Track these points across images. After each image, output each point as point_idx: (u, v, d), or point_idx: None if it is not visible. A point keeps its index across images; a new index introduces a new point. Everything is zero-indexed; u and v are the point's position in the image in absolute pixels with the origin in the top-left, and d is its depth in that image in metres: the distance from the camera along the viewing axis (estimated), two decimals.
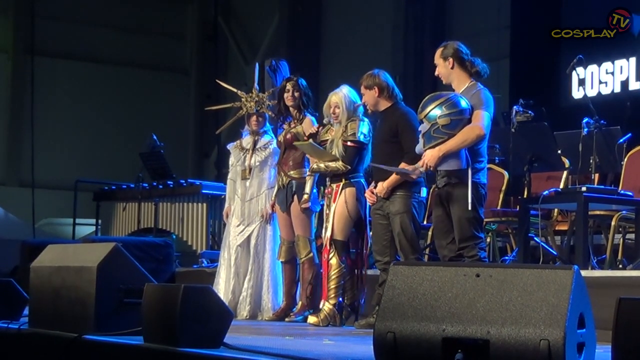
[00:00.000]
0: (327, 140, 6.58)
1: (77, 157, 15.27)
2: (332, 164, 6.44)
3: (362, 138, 6.44)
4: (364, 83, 6.23)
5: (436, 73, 5.65)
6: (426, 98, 5.44)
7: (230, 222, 7.32)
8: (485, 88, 5.54)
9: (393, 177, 5.96)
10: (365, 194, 6.27)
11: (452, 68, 5.57)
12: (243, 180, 7.28)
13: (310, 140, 6.65)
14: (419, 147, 5.45)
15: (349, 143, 6.43)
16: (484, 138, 5.37)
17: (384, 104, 6.20)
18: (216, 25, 16.40)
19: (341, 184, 6.47)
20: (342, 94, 6.54)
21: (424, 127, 5.37)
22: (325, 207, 6.62)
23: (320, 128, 6.78)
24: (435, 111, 5.31)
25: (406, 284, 3.38)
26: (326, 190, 6.61)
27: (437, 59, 5.64)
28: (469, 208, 5.30)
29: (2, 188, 14.94)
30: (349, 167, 6.43)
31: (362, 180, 6.52)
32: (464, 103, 5.35)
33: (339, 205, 6.43)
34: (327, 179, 6.60)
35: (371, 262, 6.65)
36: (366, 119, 6.53)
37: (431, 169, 5.42)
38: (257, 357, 3.71)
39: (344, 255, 6.44)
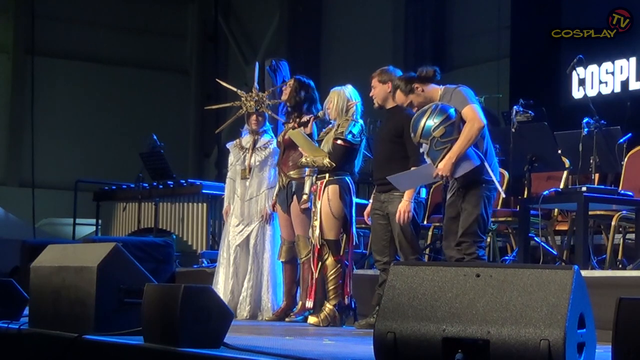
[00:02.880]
0: (322, 139, 6.59)
1: (77, 157, 15.27)
2: (319, 159, 6.45)
3: (350, 137, 6.43)
4: (378, 77, 6.18)
5: (415, 109, 5.61)
6: (413, 119, 5.45)
7: (229, 221, 7.32)
8: (460, 85, 5.56)
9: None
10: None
11: (422, 91, 5.59)
12: (242, 179, 7.27)
13: (301, 128, 6.65)
14: (430, 164, 5.45)
15: (338, 141, 6.43)
16: (485, 126, 5.39)
17: (392, 103, 6.18)
18: (216, 25, 16.40)
19: (325, 180, 6.47)
20: (339, 91, 6.55)
21: (425, 148, 5.38)
22: (313, 205, 6.61)
23: (311, 118, 6.80)
24: (427, 125, 5.31)
25: (406, 284, 3.38)
26: (312, 188, 6.61)
27: (405, 99, 5.66)
28: (482, 204, 5.36)
29: (2, 188, 14.95)
30: (334, 165, 6.43)
31: (348, 179, 6.50)
32: (450, 109, 5.38)
33: (323, 204, 6.43)
34: (315, 177, 6.60)
35: (371, 262, 6.65)
36: (360, 120, 6.53)
37: (449, 178, 5.43)
38: (257, 357, 3.71)
39: (338, 254, 6.44)
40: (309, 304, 6.53)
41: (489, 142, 5.53)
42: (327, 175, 6.47)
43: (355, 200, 6.63)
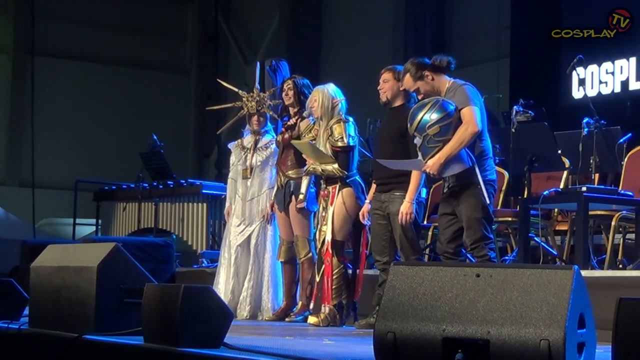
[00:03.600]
0: (312, 139, 6.59)
1: (77, 157, 15.27)
2: (328, 167, 6.43)
3: (351, 142, 6.44)
4: (394, 74, 6.07)
5: (421, 96, 5.60)
6: (412, 110, 5.44)
7: (230, 221, 7.32)
8: (467, 83, 5.52)
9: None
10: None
11: (432, 80, 5.56)
12: (244, 179, 7.27)
13: (308, 140, 6.63)
14: (420, 160, 5.44)
15: (339, 148, 6.41)
16: (480, 133, 5.34)
17: (399, 101, 6.15)
18: (216, 25, 16.41)
19: (337, 185, 6.45)
20: (322, 89, 6.54)
21: (418, 141, 5.37)
22: (321, 209, 6.58)
23: (299, 119, 6.79)
24: (424, 119, 5.30)
25: (406, 284, 3.38)
26: (322, 193, 6.58)
27: (413, 84, 5.60)
28: (481, 205, 5.31)
29: (2, 188, 14.95)
30: (345, 173, 6.43)
31: (358, 178, 6.51)
32: (450, 106, 5.35)
33: (337, 207, 6.41)
34: (322, 182, 6.58)
35: (371, 262, 6.65)
36: (350, 118, 6.52)
37: (436, 176, 5.43)
38: (257, 357, 3.71)
39: (342, 255, 6.44)
40: (324, 308, 6.47)
41: (486, 143, 5.49)
42: (338, 180, 6.45)
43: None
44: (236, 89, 7.45)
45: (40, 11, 14.54)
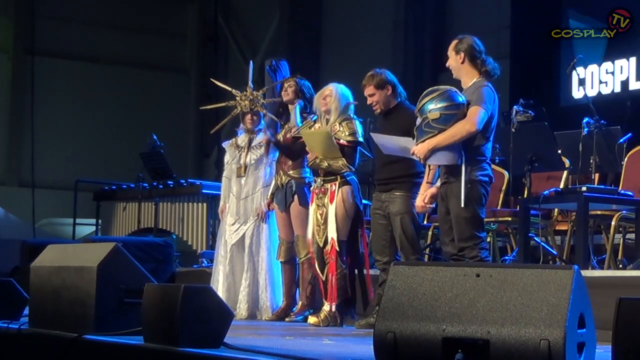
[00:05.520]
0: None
1: (77, 157, 15.26)
2: (336, 163, 6.41)
3: (360, 137, 6.45)
4: (374, 83, 6.11)
5: (447, 64, 5.60)
6: (424, 92, 5.41)
7: (225, 220, 7.31)
8: (488, 85, 5.49)
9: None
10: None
11: (462, 63, 5.51)
12: (238, 178, 7.27)
13: (329, 130, 6.53)
14: (413, 141, 5.43)
15: (347, 142, 6.41)
16: (476, 134, 5.28)
17: (393, 103, 6.16)
18: (216, 25, 16.41)
19: (337, 182, 6.45)
20: (336, 86, 6.54)
21: (417, 121, 5.36)
22: (316, 206, 6.55)
23: (307, 115, 6.79)
24: (428, 105, 5.28)
25: (406, 284, 3.38)
26: (320, 190, 6.55)
27: (450, 51, 5.57)
28: (462, 206, 5.26)
29: (2, 188, 14.94)
30: (353, 169, 6.42)
31: (356, 178, 6.51)
32: (460, 98, 5.31)
33: (338, 205, 6.41)
34: (320, 178, 6.54)
35: (371, 261, 6.64)
36: (356, 117, 6.53)
37: (421, 161, 5.41)
38: (257, 357, 3.72)
39: (344, 255, 6.43)
40: (329, 307, 6.43)
41: (488, 147, 5.45)
42: (338, 176, 6.44)
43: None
44: (229, 88, 7.44)
45: (40, 11, 14.54)
